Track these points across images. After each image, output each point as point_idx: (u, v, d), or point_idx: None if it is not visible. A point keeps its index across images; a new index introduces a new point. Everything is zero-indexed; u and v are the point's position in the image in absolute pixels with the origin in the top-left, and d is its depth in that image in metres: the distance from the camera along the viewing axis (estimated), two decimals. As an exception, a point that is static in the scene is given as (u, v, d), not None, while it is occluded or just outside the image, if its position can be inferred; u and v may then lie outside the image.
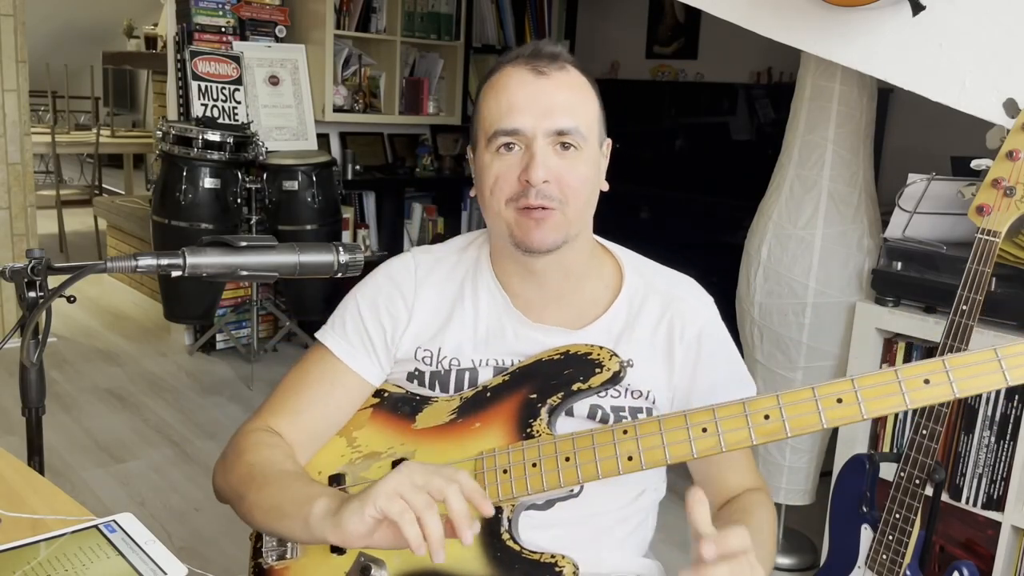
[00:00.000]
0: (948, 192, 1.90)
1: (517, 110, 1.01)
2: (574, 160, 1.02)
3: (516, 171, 1.01)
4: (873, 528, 1.63)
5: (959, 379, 0.87)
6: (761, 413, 0.92)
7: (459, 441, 1.07)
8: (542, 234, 1.02)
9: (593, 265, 1.13)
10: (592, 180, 1.05)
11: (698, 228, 3.75)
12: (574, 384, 1.05)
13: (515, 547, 1.03)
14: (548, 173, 1.00)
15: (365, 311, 1.14)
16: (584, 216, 1.06)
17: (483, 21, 4.59)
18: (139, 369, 3.78)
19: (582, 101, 1.04)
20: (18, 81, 3.69)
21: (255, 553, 1.14)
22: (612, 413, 1.08)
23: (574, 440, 1.00)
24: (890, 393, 0.89)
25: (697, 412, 0.95)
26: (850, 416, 0.89)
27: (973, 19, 1.60)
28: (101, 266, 0.92)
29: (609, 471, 0.98)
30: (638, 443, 0.97)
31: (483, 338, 1.11)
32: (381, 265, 1.18)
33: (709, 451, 0.94)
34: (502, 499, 1.02)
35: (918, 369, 0.89)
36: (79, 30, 7.68)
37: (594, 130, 1.05)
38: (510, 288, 1.11)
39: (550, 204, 1.01)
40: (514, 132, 1.01)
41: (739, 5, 1.85)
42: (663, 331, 1.10)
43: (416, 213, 4.45)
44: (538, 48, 1.05)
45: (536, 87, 1.02)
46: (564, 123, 1.01)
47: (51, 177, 6.88)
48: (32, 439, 1.04)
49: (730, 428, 0.94)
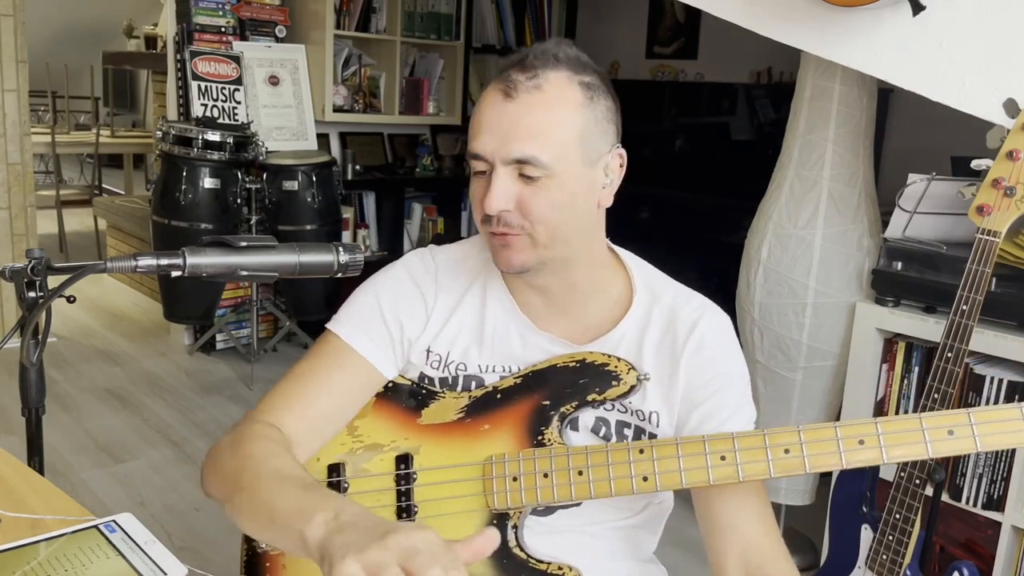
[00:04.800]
0: (948, 192, 1.90)
1: (482, 133, 0.97)
2: (538, 188, 0.96)
3: (481, 195, 0.98)
4: (873, 528, 1.63)
5: (983, 434, 0.88)
6: (782, 447, 0.92)
7: (466, 441, 1.05)
8: (508, 256, 0.99)
9: (602, 279, 1.09)
10: (567, 204, 0.98)
11: (698, 228, 3.75)
12: (589, 394, 1.02)
13: (522, 555, 1.01)
14: (508, 202, 0.96)
15: (385, 303, 1.09)
16: (564, 238, 1.00)
17: (483, 21, 4.59)
18: (139, 369, 3.78)
19: (554, 124, 0.95)
20: (18, 81, 3.69)
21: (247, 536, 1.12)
22: (616, 430, 1.06)
23: (588, 454, 0.98)
24: (913, 441, 0.89)
25: (717, 439, 0.94)
26: (870, 460, 0.90)
27: (973, 19, 1.60)
28: (101, 266, 0.91)
29: (623, 490, 0.96)
30: (654, 464, 0.95)
31: (490, 342, 1.08)
32: (398, 261, 1.14)
33: (726, 479, 0.93)
34: (510, 507, 1.01)
35: (943, 420, 0.89)
36: (79, 30, 7.67)
37: (570, 152, 0.96)
38: (518, 295, 1.09)
39: (511, 231, 0.98)
40: (478, 156, 0.98)
41: (739, 5, 1.85)
42: (666, 350, 1.05)
43: (416, 213, 4.44)
44: (525, 59, 0.97)
45: (499, 111, 0.96)
46: (523, 152, 0.94)
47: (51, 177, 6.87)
48: (32, 439, 1.04)
49: (749, 460, 0.93)
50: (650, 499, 1.11)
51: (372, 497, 1.07)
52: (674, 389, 1.04)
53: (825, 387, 2.28)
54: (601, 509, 1.07)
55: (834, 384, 2.27)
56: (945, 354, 1.47)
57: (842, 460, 0.91)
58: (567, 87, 0.97)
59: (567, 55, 0.98)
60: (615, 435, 1.06)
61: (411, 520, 1.05)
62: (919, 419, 0.89)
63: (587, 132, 0.98)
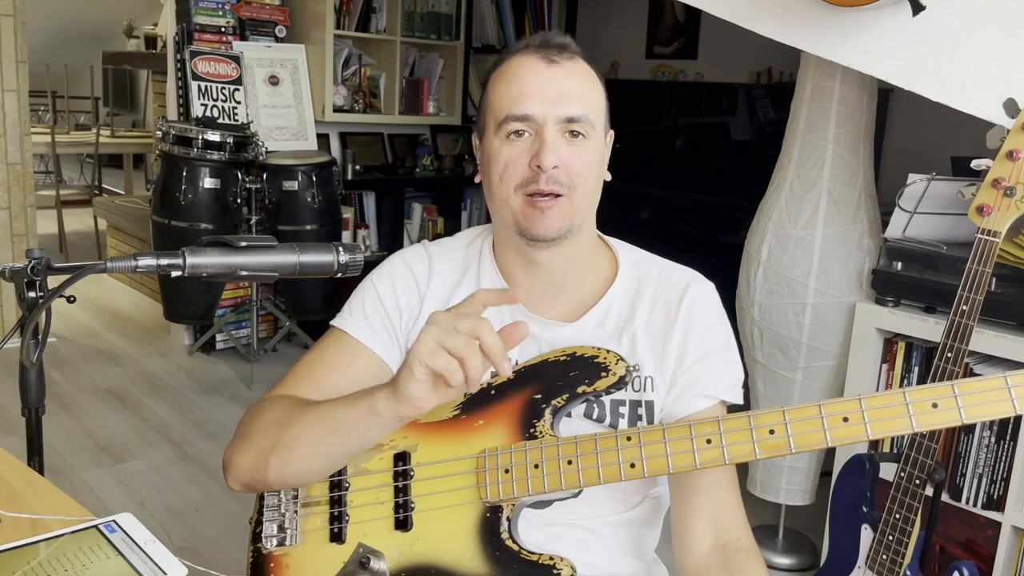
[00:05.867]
0: (948, 192, 1.90)
1: (528, 97, 1.02)
2: (582, 147, 1.04)
3: (526, 157, 1.03)
4: (873, 528, 1.63)
5: (967, 405, 0.87)
6: (766, 428, 0.92)
7: (461, 437, 1.07)
8: (547, 223, 1.03)
9: (595, 258, 1.14)
10: (597, 169, 1.07)
11: (698, 228, 3.75)
12: (579, 387, 1.05)
13: (514, 547, 1.03)
14: (558, 159, 1.02)
15: (384, 292, 1.15)
16: (589, 204, 1.07)
17: (483, 21, 4.59)
18: (139, 369, 3.78)
19: (590, 91, 1.06)
20: (18, 81, 3.69)
21: (254, 538, 1.14)
22: (611, 411, 1.08)
23: (577, 443, 1.00)
24: (897, 415, 0.89)
25: (702, 423, 0.95)
26: (855, 436, 0.89)
27: (973, 19, 1.61)
28: (101, 266, 0.91)
29: (611, 476, 0.98)
30: (641, 450, 0.97)
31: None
32: (394, 254, 1.19)
33: (712, 463, 0.95)
34: (503, 499, 1.03)
35: (926, 393, 0.89)
36: (79, 30, 7.67)
37: (600, 120, 1.07)
38: (512, 279, 1.12)
39: (560, 190, 1.02)
40: (525, 118, 1.02)
41: (739, 5, 1.85)
42: (659, 315, 1.11)
43: (416, 213, 4.45)
44: (547, 38, 1.06)
45: (547, 75, 1.03)
46: (574, 110, 1.02)
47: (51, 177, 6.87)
48: (32, 439, 1.04)
49: (734, 441, 0.93)
50: (646, 492, 1.13)
51: (372, 494, 1.08)
52: (667, 353, 1.09)
53: (825, 387, 2.28)
54: (597, 503, 1.09)
55: (834, 384, 2.27)
56: (945, 354, 1.47)
57: (827, 438, 0.90)
58: (589, 65, 1.08)
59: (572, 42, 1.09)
60: (609, 415, 1.08)
61: (408, 516, 1.06)
62: (903, 393, 0.89)
63: (605, 107, 1.09)
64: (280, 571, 1.11)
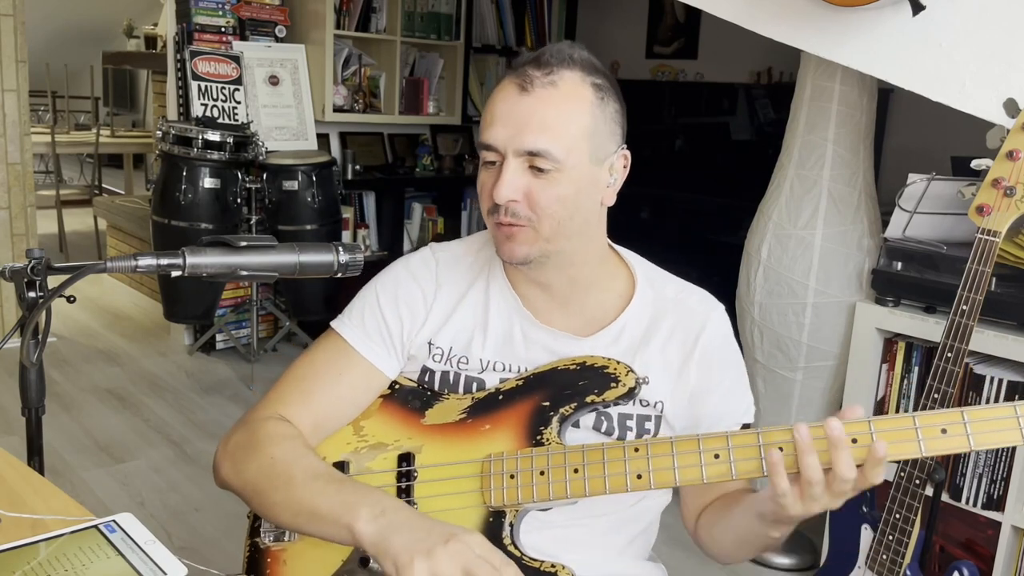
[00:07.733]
0: (948, 192, 1.90)
1: (495, 124, 1.00)
2: (549, 180, 0.99)
3: (490, 186, 1.01)
4: (873, 528, 1.63)
5: (976, 432, 0.87)
6: (775, 445, 0.92)
7: (467, 441, 1.06)
8: (511, 248, 1.02)
9: (603, 274, 1.12)
10: (574, 199, 1.01)
11: (698, 228, 3.75)
12: (588, 396, 1.04)
13: (516, 553, 1.02)
14: (516, 192, 0.99)
15: (384, 301, 1.13)
16: (567, 233, 1.02)
17: (483, 21, 4.59)
18: (139, 369, 3.78)
19: (566, 120, 0.99)
20: (18, 81, 3.69)
21: (252, 532, 1.14)
22: (619, 423, 1.08)
23: (584, 452, 1.00)
24: (906, 439, 0.89)
25: (711, 438, 0.95)
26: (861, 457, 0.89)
27: (973, 19, 1.60)
28: (101, 266, 0.91)
29: (617, 487, 0.98)
30: (649, 462, 0.97)
31: (493, 337, 1.11)
32: (400, 259, 1.18)
33: (719, 478, 0.94)
34: (507, 504, 1.02)
35: (936, 418, 0.88)
36: (79, 30, 7.67)
37: (579, 148, 1.00)
38: (519, 288, 1.12)
39: (517, 222, 1.01)
40: (489, 147, 1.01)
41: (739, 5, 1.85)
42: (676, 344, 1.09)
43: (416, 213, 4.45)
44: (540, 56, 1.01)
45: (514, 103, 0.99)
46: (538, 144, 0.97)
47: (51, 177, 6.87)
48: (32, 439, 1.04)
49: (743, 457, 0.93)
50: (644, 493, 1.12)
51: None
52: (683, 382, 1.09)
53: (825, 387, 2.28)
54: (597, 503, 1.08)
55: (834, 384, 2.27)
56: (945, 354, 1.47)
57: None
58: (580, 86, 1.00)
59: (581, 57, 1.02)
60: (617, 428, 1.07)
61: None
62: (913, 418, 0.89)
63: (596, 131, 1.01)
64: (277, 566, 1.11)
